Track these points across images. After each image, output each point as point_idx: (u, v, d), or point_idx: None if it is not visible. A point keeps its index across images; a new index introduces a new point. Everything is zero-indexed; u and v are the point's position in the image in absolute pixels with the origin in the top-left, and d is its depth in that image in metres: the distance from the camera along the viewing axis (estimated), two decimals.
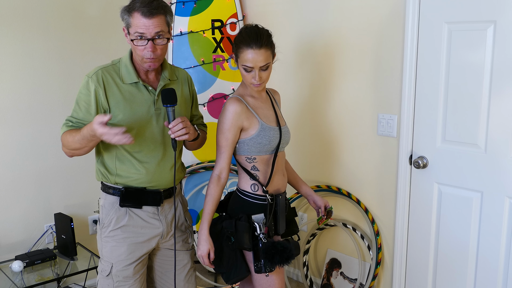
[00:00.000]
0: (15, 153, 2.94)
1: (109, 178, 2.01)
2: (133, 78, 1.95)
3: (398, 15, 2.61)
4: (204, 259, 2.03)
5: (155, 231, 2.04)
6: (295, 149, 3.22)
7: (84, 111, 1.94)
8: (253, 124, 2.02)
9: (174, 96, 1.89)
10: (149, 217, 2.03)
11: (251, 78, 1.99)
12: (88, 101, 1.92)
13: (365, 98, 2.83)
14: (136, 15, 1.84)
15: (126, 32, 1.92)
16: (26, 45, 2.91)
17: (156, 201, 2.02)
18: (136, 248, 2.01)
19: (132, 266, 2.01)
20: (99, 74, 1.94)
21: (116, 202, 2.00)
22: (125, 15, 1.88)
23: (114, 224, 2.00)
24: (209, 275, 3.42)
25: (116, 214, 2.00)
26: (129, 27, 1.88)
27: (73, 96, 1.98)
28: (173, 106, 1.89)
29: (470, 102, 2.38)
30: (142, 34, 1.85)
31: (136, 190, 1.99)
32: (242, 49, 1.96)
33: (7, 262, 2.92)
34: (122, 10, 1.89)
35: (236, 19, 3.40)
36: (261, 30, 2.00)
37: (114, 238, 2.00)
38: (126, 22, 1.89)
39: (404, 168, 2.68)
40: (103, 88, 1.92)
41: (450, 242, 2.56)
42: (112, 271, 2.01)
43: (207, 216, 2.03)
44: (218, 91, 3.39)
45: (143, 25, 1.83)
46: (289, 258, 1.99)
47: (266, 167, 2.07)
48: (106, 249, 2.03)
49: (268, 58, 1.99)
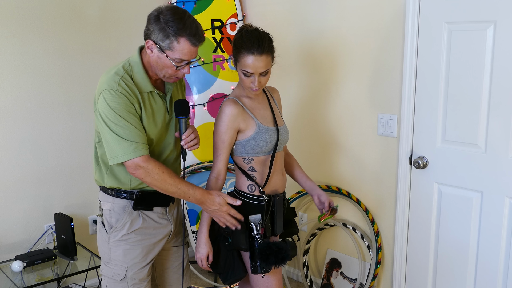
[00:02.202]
0: (15, 153, 2.94)
1: (125, 185, 1.97)
2: (149, 87, 1.91)
3: (398, 15, 2.60)
4: (203, 262, 2.03)
5: (165, 231, 2.06)
6: (295, 149, 3.22)
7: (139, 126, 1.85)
8: (250, 125, 2.01)
9: (187, 108, 1.93)
10: (159, 218, 2.04)
11: (250, 83, 1.98)
12: (133, 113, 1.84)
13: (365, 98, 2.83)
14: (183, 41, 1.80)
15: (157, 48, 1.82)
16: (26, 45, 2.91)
17: (166, 201, 2.04)
18: (149, 249, 2.02)
19: (146, 268, 2.02)
20: (123, 86, 1.83)
21: (128, 206, 1.97)
22: (166, 38, 1.80)
23: (128, 228, 1.97)
24: (209, 275, 3.42)
25: (130, 218, 1.97)
26: (171, 49, 1.81)
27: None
28: (186, 118, 1.93)
29: (470, 102, 2.38)
30: (184, 60, 1.84)
31: (149, 193, 1.99)
32: (243, 54, 1.94)
33: (7, 262, 2.92)
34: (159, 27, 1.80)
35: (236, 19, 3.40)
36: (262, 35, 1.96)
37: (128, 241, 1.98)
38: (168, 44, 1.81)
39: (404, 168, 2.67)
40: (131, 102, 1.85)
41: (450, 242, 2.56)
42: (127, 274, 1.99)
43: (206, 219, 2.03)
44: (218, 91, 3.39)
45: (189, 52, 1.83)
46: (284, 259, 1.99)
47: (264, 167, 2.06)
48: (118, 252, 1.99)
49: (269, 63, 1.97)
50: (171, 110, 2.00)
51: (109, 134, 1.82)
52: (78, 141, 3.17)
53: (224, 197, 1.95)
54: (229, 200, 1.96)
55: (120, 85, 1.82)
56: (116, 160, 1.82)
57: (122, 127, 1.80)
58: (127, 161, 1.82)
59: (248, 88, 2.01)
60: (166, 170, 1.86)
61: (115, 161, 1.83)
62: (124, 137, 1.80)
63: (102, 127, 1.83)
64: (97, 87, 1.89)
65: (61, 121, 3.09)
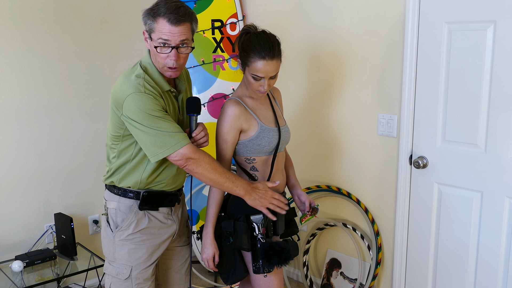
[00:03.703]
0: (15, 153, 2.94)
1: (136, 185, 1.97)
2: (166, 86, 1.90)
3: (398, 15, 2.60)
4: (210, 263, 2.03)
5: (170, 231, 2.06)
6: (295, 149, 3.22)
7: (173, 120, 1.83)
8: (252, 125, 2.02)
9: (199, 105, 1.92)
10: (165, 218, 2.03)
11: (259, 86, 1.98)
12: (163, 111, 1.83)
13: (365, 98, 2.83)
14: (161, 20, 1.76)
15: (147, 36, 1.84)
16: (26, 45, 2.91)
17: (172, 202, 2.04)
18: (154, 249, 2.02)
19: (151, 267, 2.02)
20: (148, 87, 1.81)
21: (134, 205, 1.97)
22: (149, 20, 1.79)
23: (134, 227, 1.97)
24: (209, 275, 3.42)
25: (136, 217, 1.97)
26: (152, 32, 1.80)
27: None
28: (197, 115, 1.92)
29: (470, 102, 2.38)
30: (166, 41, 1.78)
31: (156, 193, 1.99)
32: (254, 59, 1.93)
33: (7, 262, 2.92)
34: (145, 13, 1.81)
35: (236, 19, 3.40)
36: (272, 39, 1.97)
37: (133, 241, 1.98)
38: (149, 27, 1.80)
39: (404, 168, 2.67)
40: (159, 96, 1.84)
41: (450, 242, 2.56)
42: (132, 274, 1.99)
43: (211, 219, 2.02)
44: (218, 91, 3.39)
45: (169, 32, 1.76)
46: (287, 258, 1.99)
47: (265, 167, 2.07)
48: (122, 252, 1.99)
49: (278, 67, 1.99)
50: (182, 110, 2.00)
51: (145, 135, 1.79)
52: (78, 141, 3.17)
53: (263, 183, 1.97)
54: (270, 184, 1.97)
55: (145, 86, 1.80)
56: (161, 155, 1.79)
57: (159, 124, 1.78)
58: (173, 154, 1.79)
59: (255, 91, 2.01)
60: (213, 158, 1.85)
61: (159, 157, 1.80)
62: (164, 131, 1.78)
63: (136, 130, 1.80)
64: (115, 93, 1.86)
65: (61, 121, 3.09)
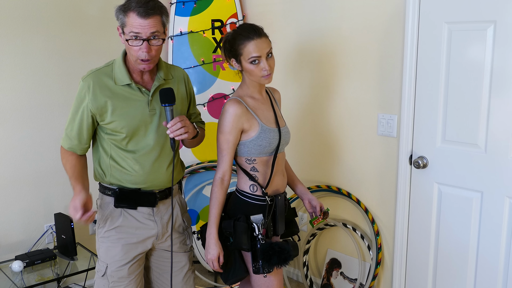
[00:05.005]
0: (15, 153, 2.94)
1: (104, 179, 2.01)
2: (126, 80, 1.93)
3: (398, 15, 2.60)
4: (214, 263, 2.02)
5: (149, 232, 2.03)
6: (295, 149, 3.22)
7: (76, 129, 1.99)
8: (253, 126, 2.01)
9: (172, 96, 1.88)
10: (144, 218, 2.02)
11: (261, 70, 1.98)
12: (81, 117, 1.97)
13: (365, 98, 2.83)
14: (131, 15, 1.81)
15: (120, 32, 1.90)
16: (26, 45, 2.91)
17: (151, 202, 2.02)
18: (130, 248, 2.01)
19: (126, 266, 2.01)
20: (91, 75, 1.95)
21: (111, 203, 2.01)
22: (120, 15, 1.86)
23: (109, 225, 2.00)
24: (209, 275, 3.42)
25: (111, 215, 2.00)
26: (124, 26, 1.85)
27: (73, 96, 1.96)
28: (172, 106, 1.88)
29: (470, 102, 2.38)
30: (137, 34, 1.83)
31: (130, 191, 1.99)
32: (244, 44, 1.96)
33: (7, 262, 2.92)
34: (117, 9, 1.87)
35: (236, 19, 3.40)
36: (253, 24, 2.02)
37: (109, 238, 2.01)
38: (121, 21, 1.86)
39: (404, 168, 2.67)
40: (92, 93, 1.92)
41: (450, 242, 2.56)
42: (107, 271, 2.01)
43: (214, 220, 2.01)
44: (218, 91, 3.39)
45: (139, 25, 1.81)
46: (287, 259, 1.99)
47: (266, 168, 2.06)
48: (102, 249, 2.04)
49: (270, 44, 2.01)
50: (153, 105, 1.98)
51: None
52: None
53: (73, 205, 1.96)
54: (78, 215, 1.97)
55: (89, 74, 1.95)
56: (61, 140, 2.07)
57: (71, 114, 1.99)
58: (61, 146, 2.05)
59: (260, 78, 2.00)
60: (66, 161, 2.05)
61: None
62: (68, 121, 2.01)
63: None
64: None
65: (61, 121, 3.09)
